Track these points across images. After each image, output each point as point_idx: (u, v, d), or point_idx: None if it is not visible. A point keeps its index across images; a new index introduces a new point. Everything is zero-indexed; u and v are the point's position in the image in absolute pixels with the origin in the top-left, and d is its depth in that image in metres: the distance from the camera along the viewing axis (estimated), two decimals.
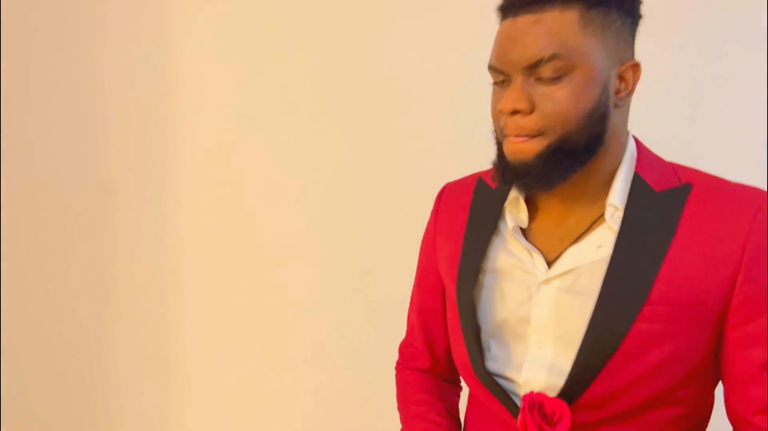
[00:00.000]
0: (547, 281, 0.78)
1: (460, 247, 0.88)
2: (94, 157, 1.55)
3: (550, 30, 0.70)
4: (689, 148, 1.40)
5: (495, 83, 0.77)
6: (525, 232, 0.83)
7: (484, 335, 0.83)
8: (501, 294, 0.82)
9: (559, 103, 0.71)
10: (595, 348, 0.74)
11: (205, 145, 1.53)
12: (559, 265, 0.78)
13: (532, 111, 0.72)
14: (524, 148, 0.73)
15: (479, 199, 0.90)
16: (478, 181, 0.93)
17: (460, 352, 0.86)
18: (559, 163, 0.73)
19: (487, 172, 0.93)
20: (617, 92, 0.75)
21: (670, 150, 0.87)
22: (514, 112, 0.73)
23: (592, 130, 0.73)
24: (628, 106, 0.79)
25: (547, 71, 0.71)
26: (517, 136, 0.74)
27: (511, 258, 0.82)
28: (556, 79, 0.71)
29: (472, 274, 0.84)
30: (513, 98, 0.72)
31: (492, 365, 0.82)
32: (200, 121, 1.53)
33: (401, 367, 1.03)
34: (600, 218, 0.78)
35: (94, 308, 1.60)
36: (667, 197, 0.76)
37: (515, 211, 0.84)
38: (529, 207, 0.84)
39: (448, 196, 0.97)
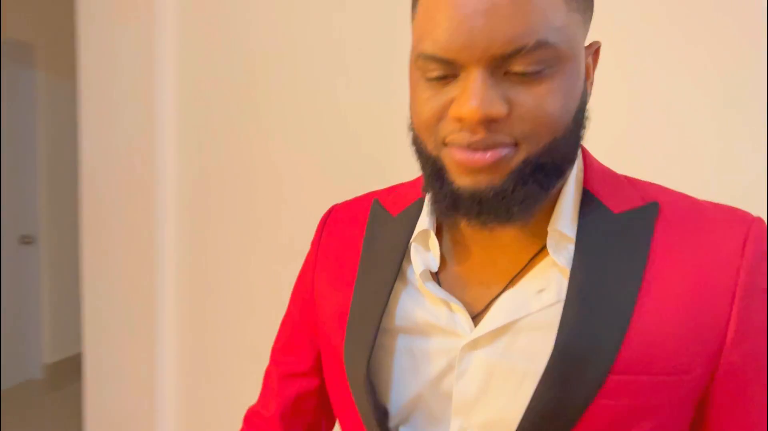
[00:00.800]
0: (474, 344, 0.57)
1: (351, 299, 0.64)
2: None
3: (531, 5, 0.49)
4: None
5: (428, 79, 0.53)
6: (440, 276, 0.61)
7: (392, 421, 0.61)
8: (412, 364, 0.60)
9: (546, 102, 0.50)
10: None
11: None
12: (489, 321, 0.56)
13: (508, 115, 0.51)
14: (492, 166, 0.51)
15: (375, 231, 0.66)
16: (373, 203, 0.69)
17: None
18: (540, 184, 0.53)
19: (386, 191, 0.71)
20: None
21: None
22: (488, 121, 0.50)
23: (577, 136, 0.54)
24: None
25: (527, 63, 0.49)
26: (479, 149, 0.51)
27: (424, 314, 0.60)
28: (537, 72, 0.50)
29: (367, 337, 0.60)
30: (483, 98, 0.49)
31: None
32: None
33: None
34: (542, 251, 0.57)
35: None
36: (631, 221, 0.56)
37: (424, 248, 0.61)
38: (443, 240, 0.62)
39: (334, 223, 0.71)
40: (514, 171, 0.52)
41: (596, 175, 0.59)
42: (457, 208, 0.53)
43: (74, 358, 3.73)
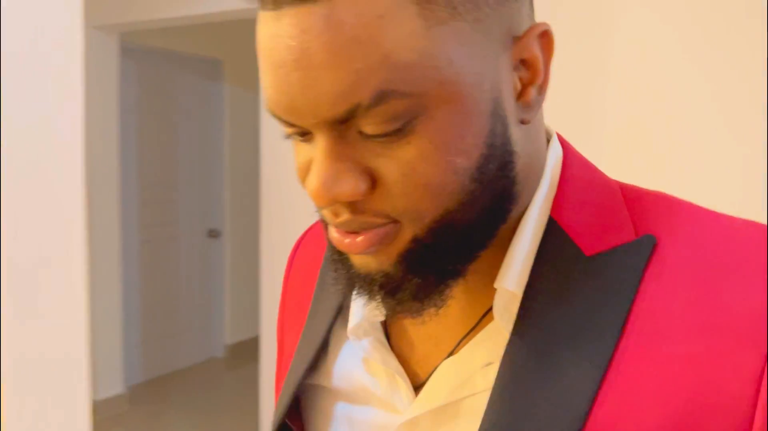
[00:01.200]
0: (413, 424, 0.44)
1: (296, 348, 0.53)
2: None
3: (358, 43, 0.34)
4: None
5: (287, 135, 0.41)
6: (388, 327, 0.48)
7: None
8: None
9: (417, 171, 0.36)
10: None
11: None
12: (427, 397, 0.44)
13: (371, 188, 0.37)
14: (373, 249, 0.39)
15: (329, 264, 0.51)
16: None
17: None
18: (436, 272, 0.39)
19: None
20: (520, 95, 0.39)
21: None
22: (343, 201, 0.38)
23: (490, 191, 0.39)
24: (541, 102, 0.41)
25: (375, 123, 0.35)
26: (349, 232, 0.39)
27: (362, 377, 0.48)
28: (397, 131, 0.36)
29: (284, 396, 0.50)
30: (329, 176, 0.36)
31: None
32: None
33: None
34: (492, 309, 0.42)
35: None
36: (609, 268, 0.39)
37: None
38: None
39: (303, 253, 0.59)
40: (403, 253, 0.39)
41: (572, 196, 0.41)
42: (360, 291, 0.42)
43: (252, 340, 4.14)
